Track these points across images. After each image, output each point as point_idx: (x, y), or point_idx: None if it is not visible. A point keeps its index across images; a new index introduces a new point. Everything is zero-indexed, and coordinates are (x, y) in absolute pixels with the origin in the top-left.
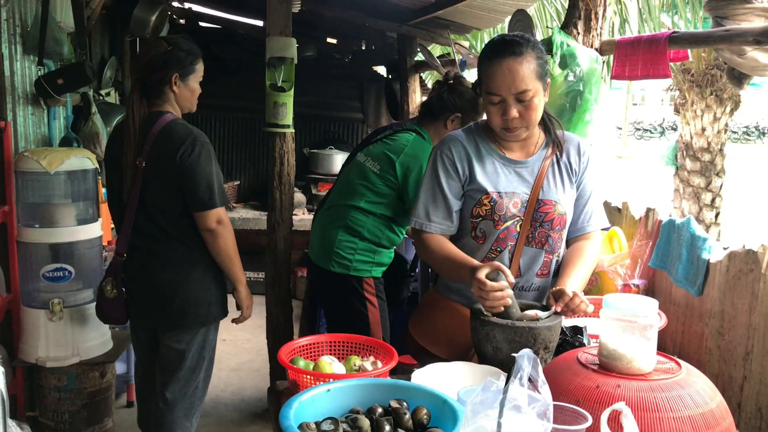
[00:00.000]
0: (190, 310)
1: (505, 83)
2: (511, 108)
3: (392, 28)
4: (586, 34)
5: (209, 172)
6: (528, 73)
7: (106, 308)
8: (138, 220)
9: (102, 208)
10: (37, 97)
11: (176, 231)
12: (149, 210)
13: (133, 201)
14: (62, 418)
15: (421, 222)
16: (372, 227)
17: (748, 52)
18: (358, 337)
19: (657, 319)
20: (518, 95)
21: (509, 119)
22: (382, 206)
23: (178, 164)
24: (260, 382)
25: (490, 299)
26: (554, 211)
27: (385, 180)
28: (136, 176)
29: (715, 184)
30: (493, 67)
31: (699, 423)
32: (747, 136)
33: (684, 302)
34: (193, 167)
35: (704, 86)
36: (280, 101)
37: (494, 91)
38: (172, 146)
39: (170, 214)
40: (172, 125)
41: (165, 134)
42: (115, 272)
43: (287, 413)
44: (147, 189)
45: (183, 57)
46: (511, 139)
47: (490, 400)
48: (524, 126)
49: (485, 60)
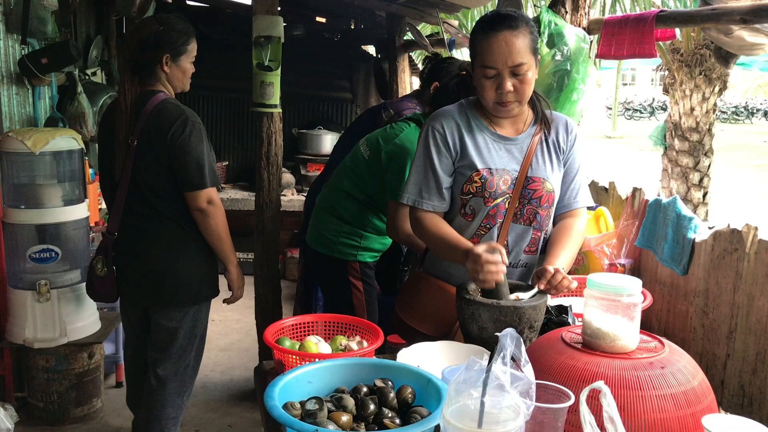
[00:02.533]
0: (182, 288)
1: (501, 56)
2: (506, 81)
3: (381, 7)
4: (573, 13)
5: (200, 152)
6: (523, 47)
7: (96, 286)
8: (130, 199)
9: (89, 189)
10: (21, 76)
11: (168, 210)
12: (141, 189)
13: (125, 180)
14: (51, 398)
15: (414, 199)
16: (355, 211)
17: (734, 31)
18: (344, 317)
19: (640, 298)
20: (514, 68)
21: (504, 93)
22: (365, 192)
23: (169, 143)
24: (249, 362)
25: (484, 272)
26: (542, 189)
27: (371, 167)
28: (128, 155)
29: (704, 164)
30: (489, 40)
31: (681, 401)
32: (736, 115)
33: (669, 281)
34: (184, 147)
35: (693, 66)
36: (267, 80)
37: (490, 64)
38: (164, 125)
39: (162, 193)
40: (164, 104)
41: (157, 113)
42: (106, 250)
43: (272, 393)
44: (139, 168)
45: (175, 37)
46: (504, 114)
47: (473, 379)
48: (517, 100)
49: (480, 33)
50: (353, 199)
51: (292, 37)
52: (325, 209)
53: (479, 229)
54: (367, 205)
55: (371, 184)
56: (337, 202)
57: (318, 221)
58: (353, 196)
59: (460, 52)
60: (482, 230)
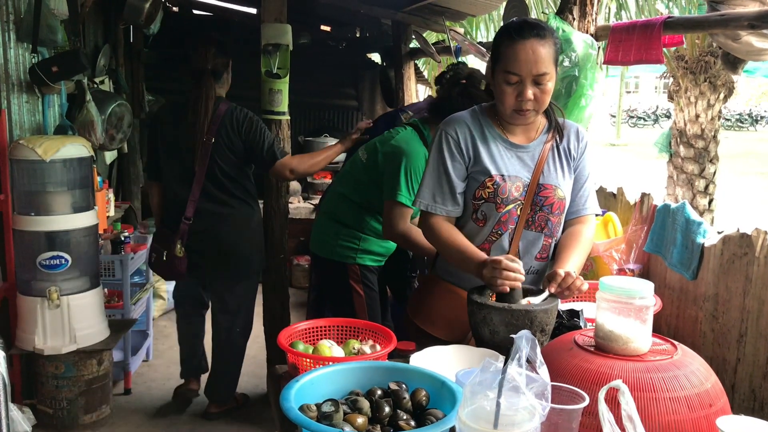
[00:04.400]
0: (246, 262)
1: (526, 64)
2: (527, 89)
3: (387, 15)
4: (581, 19)
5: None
6: (548, 57)
7: (176, 266)
8: (207, 187)
9: (97, 197)
10: (31, 84)
11: (241, 193)
12: (218, 177)
13: (202, 172)
14: (60, 405)
15: (427, 203)
16: (352, 214)
17: (742, 37)
18: (356, 321)
19: (653, 300)
20: (537, 77)
21: (524, 100)
22: (363, 195)
23: (244, 138)
24: (257, 369)
25: (503, 277)
26: (554, 195)
27: (368, 170)
28: (206, 152)
29: (709, 171)
30: (516, 46)
31: (695, 403)
32: (740, 123)
33: (678, 286)
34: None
35: (698, 73)
36: (276, 88)
37: (514, 71)
38: (237, 126)
39: (236, 179)
40: (232, 108)
41: (229, 116)
42: (183, 235)
43: (288, 395)
44: (216, 161)
45: (227, 47)
46: (520, 122)
47: (488, 380)
48: (535, 109)
49: (507, 39)
50: (351, 202)
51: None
52: (325, 214)
53: (491, 235)
54: (364, 208)
55: (368, 188)
56: (335, 205)
57: (319, 226)
58: (351, 199)
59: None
60: (493, 236)
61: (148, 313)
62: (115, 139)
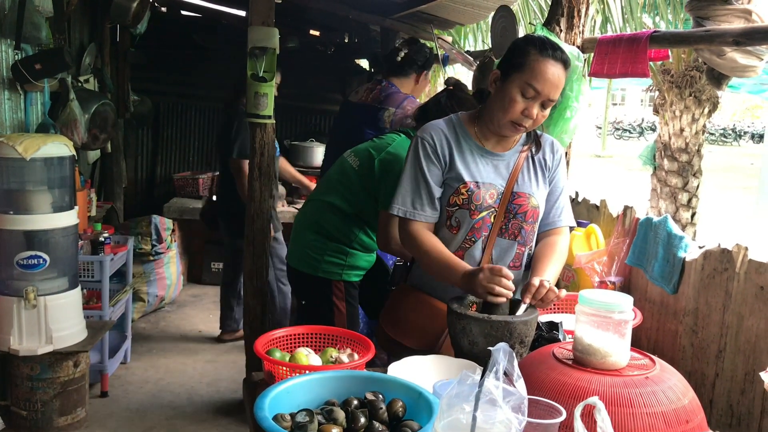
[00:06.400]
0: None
1: (549, 85)
2: (535, 107)
3: (376, 21)
4: (568, 31)
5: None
6: (561, 87)
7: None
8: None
9: (78, 196)
10: (13, 81)
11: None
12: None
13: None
14: (34, 407)
15: (406, 210)
16: (342, 227)
17: (727, 53)
18: (335, 329)
19: (632, 315)
20: (547, 101)
21: (527, 117)
22: (355, 206)
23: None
24: (236, 374)
25: (503, 285)
26: (528, 204)
27: (362, 178)
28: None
29: (692, 185)
30: (548, 64)
31: (671, 419)
32: (724, 138)
33: (659, 300)
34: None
35: (683, 87)
36: (261, 91)
37: (537, 86)
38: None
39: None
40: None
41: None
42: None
43: (262, 404)
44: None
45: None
46: (510, 134)
47: (465, 393)
48: (528, 127)
49: (539, 53)
50: (340, 213)
51: (286, 49)
52: (308, 226)
53: (464, 242)
54: (354, 219)
55: (361, 197)
56: (321, 216)
57: (301, 239)
58: (341, 209)
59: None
60: (467, 243)
61: (126, 315)
62: (98, 138)
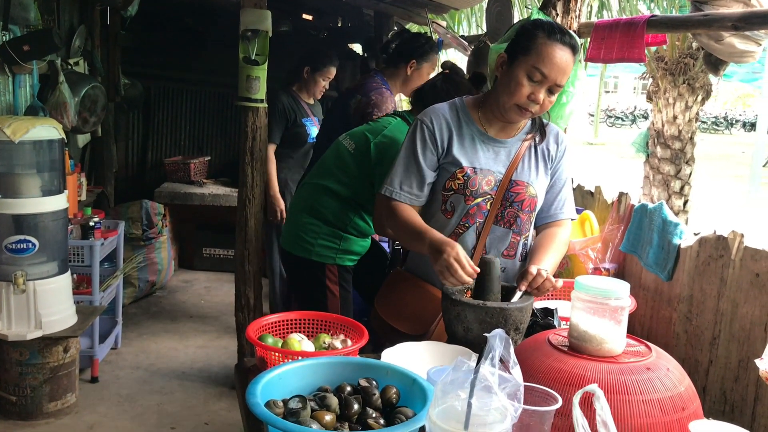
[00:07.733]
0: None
1: (557, 69)
2: (541, 92)
3: (369, 5)
4: (564, 15)
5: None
6: (569, 73)
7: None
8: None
9: (68, 180)
10: (1, 63)
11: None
12: None
13: None
14: (24, 392)
15: (392, 190)
16: (337, 211)
17: (725, 38)
18: (328, 314)
19: (628, 301)
20: (555, 86)
21: (534, 102)
22: (351, 189)
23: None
24: (227, 360)
25: (457, 276)
26: (525, 192)
27: (357, 161)
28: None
29: (685, 172)
30: (555, 47)
31: (668, 406)
32: (716, 126)
33: (653, 287)
34: None
35: (677, 74)
36: (254, 75)
37: (544, 70)
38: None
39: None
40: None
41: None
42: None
43: (254, 390)
44: None
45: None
46: (515, 119)
47: (460, 380)
48: (535, 112)
49: (547, 37)
50: (336, 197)
51: (278, 32)
52: (303, 210)
53: (458, 227)
54: (350, 203)
55: (358, 180)
56: (317, 200)
57: (295, 223)
58: (336, 193)
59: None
60: (461, 228)
61: (117, 300)
62: (88, 122)
